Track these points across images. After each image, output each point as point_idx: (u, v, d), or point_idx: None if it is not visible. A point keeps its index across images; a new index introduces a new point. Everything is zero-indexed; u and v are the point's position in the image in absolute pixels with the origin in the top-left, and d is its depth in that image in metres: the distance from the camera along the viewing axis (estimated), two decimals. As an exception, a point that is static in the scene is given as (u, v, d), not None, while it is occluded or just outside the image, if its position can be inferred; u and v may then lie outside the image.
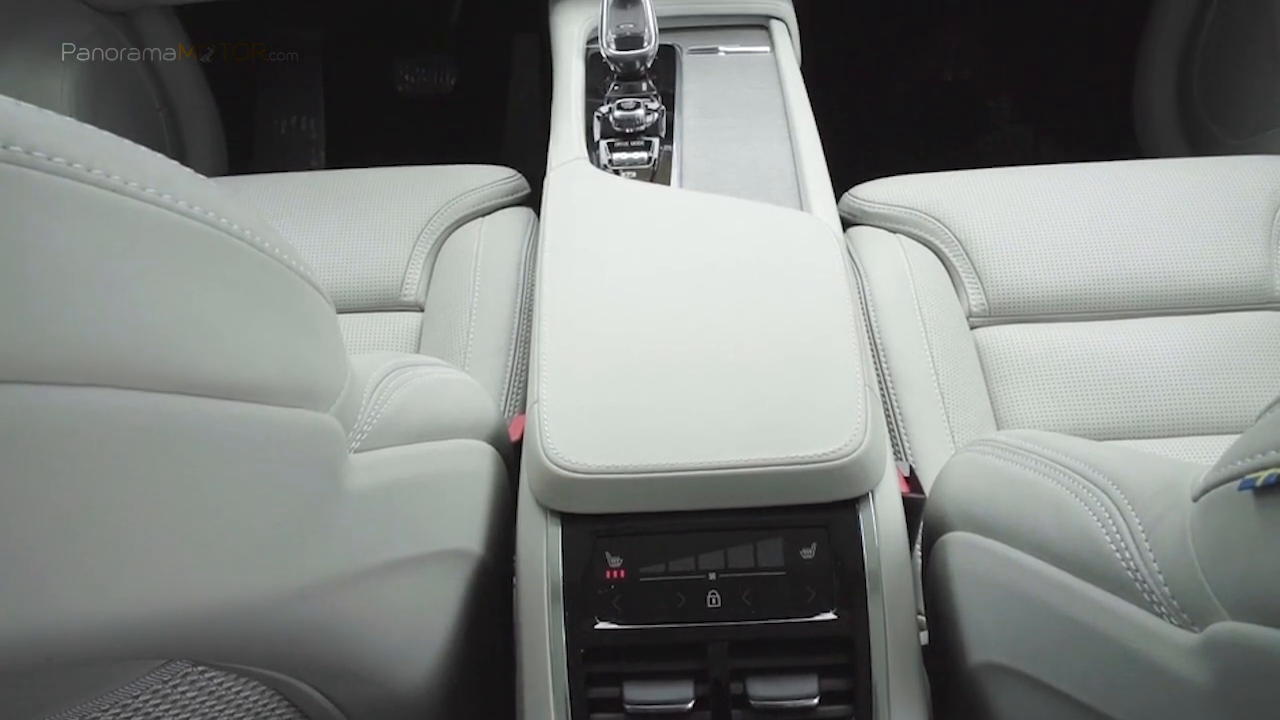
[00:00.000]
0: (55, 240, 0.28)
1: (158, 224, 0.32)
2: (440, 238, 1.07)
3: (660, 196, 0.87)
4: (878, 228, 1.06)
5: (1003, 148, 1.77)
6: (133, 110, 1.52)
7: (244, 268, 0.36)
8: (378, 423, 0.50)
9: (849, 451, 0.63)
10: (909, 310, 0.97)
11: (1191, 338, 0.95)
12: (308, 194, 1.10)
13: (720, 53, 1.11)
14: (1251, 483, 0.37)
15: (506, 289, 1.00)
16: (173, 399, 0.32)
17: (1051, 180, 1.06)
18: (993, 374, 0.96)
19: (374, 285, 1.04)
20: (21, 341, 0.27)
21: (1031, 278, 0.99)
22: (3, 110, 0.28)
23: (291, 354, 0.39)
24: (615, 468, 0.63)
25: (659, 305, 0.73)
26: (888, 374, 0.93)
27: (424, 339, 1.01)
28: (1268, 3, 1.39)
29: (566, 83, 1.04)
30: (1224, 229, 1.00)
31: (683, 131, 1.00)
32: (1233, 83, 1.49)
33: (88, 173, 0.30)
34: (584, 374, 0.68)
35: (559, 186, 0.87)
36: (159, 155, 0.35)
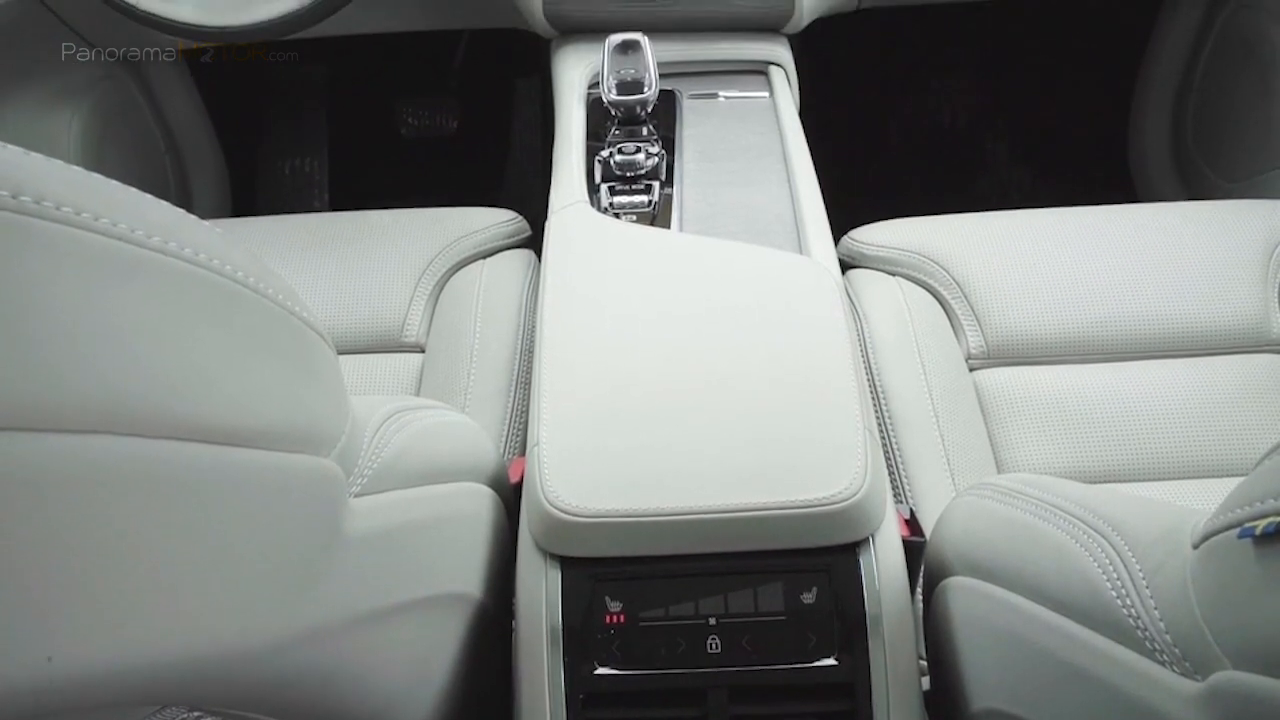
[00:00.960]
0: (61, 288, 0.28)
1: (162, 271, 0.33)
2: (442, 279, 1.08)
3: (660, 240, 0.88)
4: (876, 270, 1.07)
5: (1000, 190, 1.79)
6: (139, 153, 1.54)
7: (247, 313, 0.37)
8: (378, 467, 0.50)
9: (849, 495, 0.63)
10: (908, 352, 0.97)
11: (1189, 380, 0.95)
12: (310, 235, 1.11)
13: (720, 98, 1.13)
14: (1251, 531, 0.37)
15: (507, 331, 1.01)
16: (174, 445, 0.32)
17: (1049, 223, 1.07)
18: (992, 416, 0.96)
19: (375, 326, 1.04)
20: (24, 389, 0.27)
21: (1029, 320, 0.99)
22: (12, 160, 0.29)
23: (293, 399, 0.39)
24: (615, 511, 0.63)
25: (659, 348, 0.73)
26: (887, 416, 0.93)
27: (425, 380, 1.01)
28: (1258, 49, 1.41)
29: (568, 127, 1.06)
30: (1221, 272, 1.01)
31: (683, 175, 1.01)
32: (1226, 127, 1.51)
33: (95, 221, 0.30)
34: (584, 417, 0.68)
35: (560, 230, 0.88)
36: (165, 203, 0.35)
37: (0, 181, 0.27)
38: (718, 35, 1.19)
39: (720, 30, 1.19)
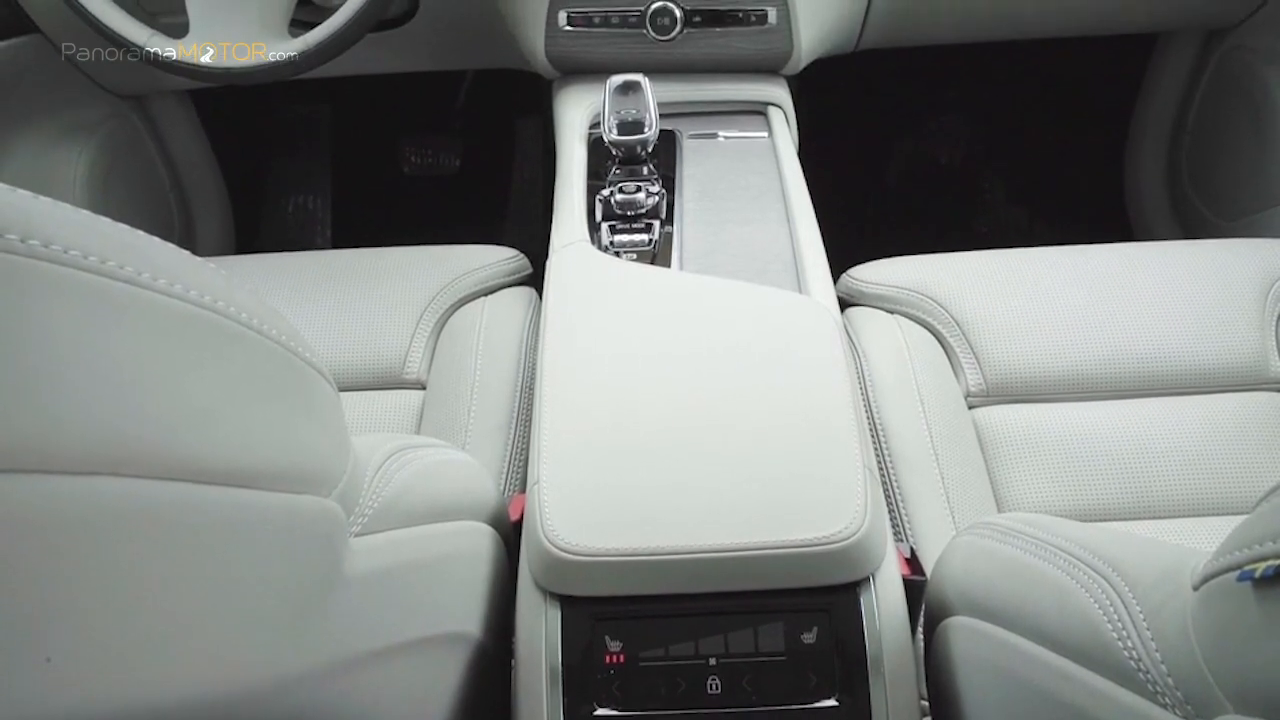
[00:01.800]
0: (65, 331, 0.29)
1: (166, 313, 0.33)
2: (443, 317, 1.08)
3: (660, 279, 0.89)
4: (875, 308, 1.08)
5: (998, 229, 1.80)
6: (144, 190, 1.55)
7: (249, 354, 0.37)
8: (379, 506, 0.51)
9: (849, 534, 0.63)
10: (907, 390, 0.98)
11: (1188, 418, 0.96)
12: (312, 273, 1.12)
13: (720, 138, 1.14)
14: (1250, 574, 0.37)
15: (508, 368, 1.01)
16: (175, 486, 0.32)
17: (1047, 262, 1.08)
18: (992, 454, 0.96)
19: (377, 363, 1.04)
20: (25, 430, 0.27)
21: (1028, 358, 1.00)
22: (21, 204, 0.29)
23: (295, 440, 0.39)
24: (615, 550, 0.63)
25: (659, 387, 0.73)
26: (887, 454, 0.93)
27: (425, 417, 1.02)
28: (1251, 90, 1.42)
29: (569, 166, 1.07)
30: (1218, 311, 1.01)
31: (683, 214, 1.01)
32: (1221, 166, 1.52)
33: (101, 264, 0.30)
34: (584, 455, 0.68)
35: (561, 268, 0.89)
36: (169, 245, 0.36)
37: (7, 225, 0.28)
38: (717, 76, 1.21)
39: (720, 72, 1.21)
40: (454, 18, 1.29)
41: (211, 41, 1.03)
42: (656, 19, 1.16)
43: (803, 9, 1.16)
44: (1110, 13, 1.38)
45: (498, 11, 1.24)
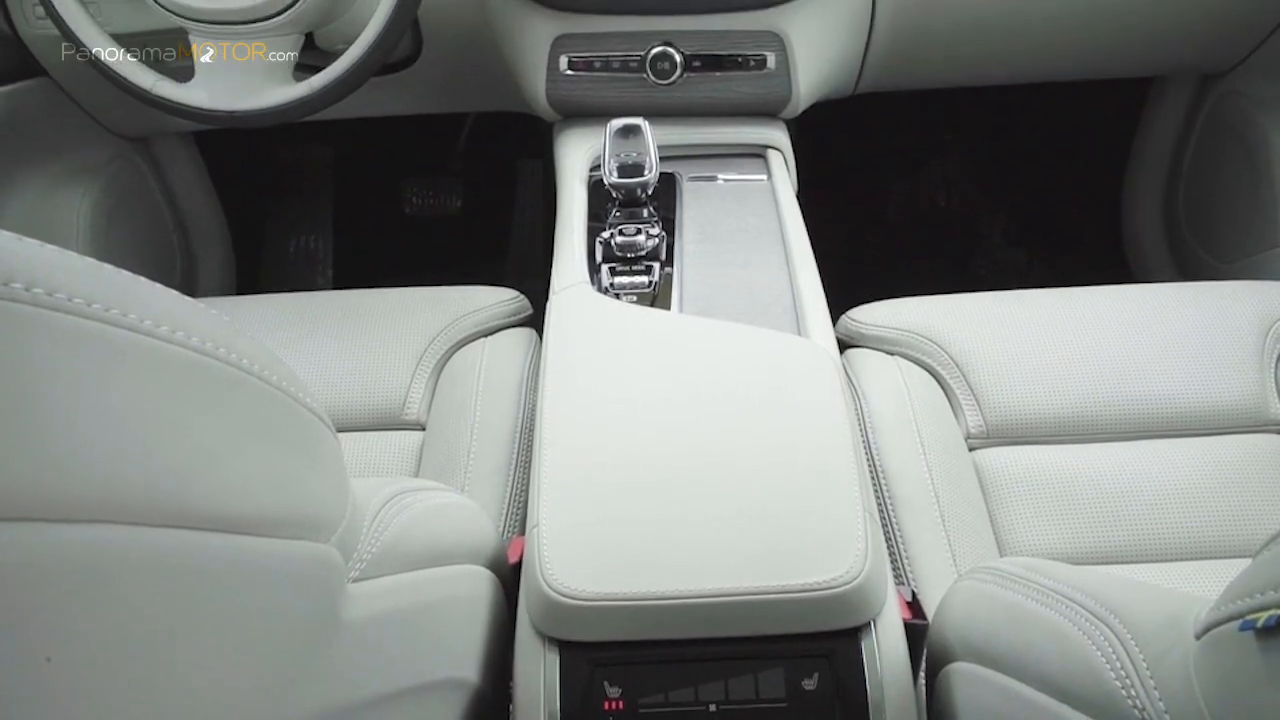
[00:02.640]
0: (67, 378, 0.29)
1: (169, 360, 0.33)
2: (443, 357, 1.08)
3: (660, 321, 0.89)
4: (875, 350, 1.08)
5: (996, 270, 1.81)
6: (147, 230, 1.56)
7: (251, 401, 0.37)
8: (377, 551, 0.50)
9: (850, 579, 0.62)
10: (907, 432, 0.98)
11: (1189, 460, 0.95)
12: (313, 313, 1.12)
13: (719, 180, 1.15)
14: (1252, 624, 0.37)
15: (508, 409, 1.01)
16: (174, 534, 0.32)
17: (1046, 304, 1.08)
18: (992, 496, 0.96)
19: (376, 404, 1.04)
20: (25, 478, 0.27)
21: (1028, 400, 1.00)
22: (26, 253, 0.29)
23: (294, 487, 0.39)
24: (614, 594, 0.62)
25: (659, 429, 0.73)
26: (887, 496, 0.93)
27: (424, 458, 1.01)
28: (1245, 134, 1.44)
29: (569, 208, 1.07)
30: (1217, 353, 1.01)
31: (683, 256, 1.02)
32: (1217, 209, 1.53)
33: (105, 312, 0.31)
34: (584, 498, 0.68)
35: (561, 310, 0.89)
36: (172, 291, 0.36)
37: (11, 274, 0.28)
38: (717, 120, 1.22)
39: (719, 115, 1.22)
40: (456, 61, 1.31)
41: (213, 42, 1.03)
42: (656, 63, 1.17)
43: (801, 54, 1.18)
44: (1104, 58, 1.40)
45: (500, 55, 1.25)
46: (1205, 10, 1.28)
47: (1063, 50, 1.35)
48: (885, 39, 1.26)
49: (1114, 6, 1.26)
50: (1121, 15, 1.27)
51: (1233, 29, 1.34)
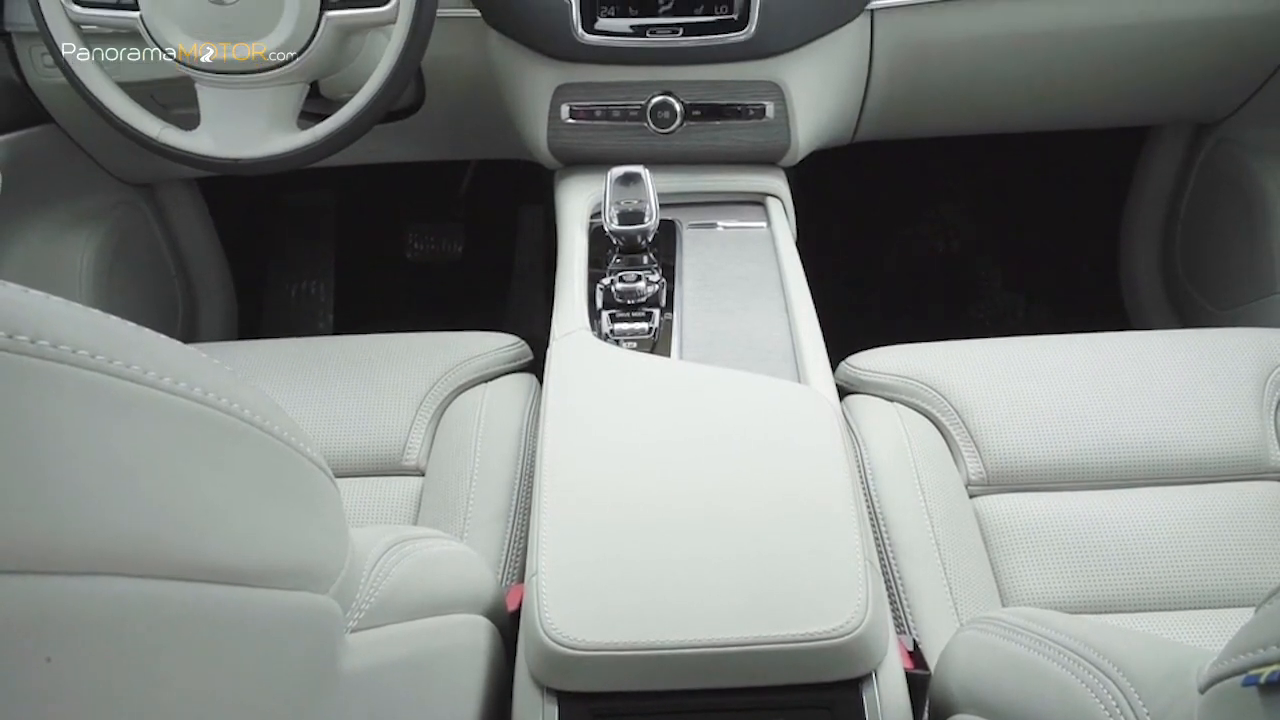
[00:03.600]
0: (69, 430, 0.29)
1: (172, 411, 0.33)
2: (443, 403, 1.08)
3: (660, 368, 0.89)
4: (875, 396, 1.08)
5: (995, 316, 1.82)
6: (149, 275, 1.57)
7: (253, 451, 0.37)
8: (376, 601, 0.50)
9: (850, 629, 0.62)
10: (908, 479, 0.97)
11: (1190, 508, 0.95)
12: (313, 359, 1.12)
13: (719, 227, 1.16)
14: (1255, 679, 0.37)
15: (508, 455, 1.01)
16: (174, 585, 0.32)
17: (1045, 350, 1.08)
18: (994, 543, 0.95)
19: (376, 450, 1.04)
20: (26, 531, 0.27)
21: (1029, 447, 0.99)
22: (33, 305, 0.30)
23: (294, 537, 0.39)
24: (613, 645, 0.62)
25: (659, 477, 0.73)
26: (888, 544, 0.92)
27: (424, 504, 1.01)
28: (1240, 181, 1.45)
29: (570, 255, 1.08)
30: (1217, 400, 1.02)
31: (683, 303, 1.02)
32: (1213, 255, 1.54)
33: (110, 364, 0.31)
34: (583, 547, 0.68)
35: (561, 357, 0.89)
36: (175, 342, 0.36)
37: (18, 326, 0.28)
38: (717, 168, 1.23)
39: (719, 163, 1.23)
40: (459, 110, 1.32)
41: (219, 90, 1.05)
42: (657, 113, 1.19)
43: (800, 104, 1.19)
44: (1098, 109, 1.41)
45: (502, 104, 1.27)
46: (1198, 63, 1.30)
47: (1057, 102, 1.37)
48: (883, 89, 1.27)
49: (1107, 60, 1.28)
50: (1115, 69, 1.29)
51: (1226, 81, 1.36)
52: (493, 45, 1.21)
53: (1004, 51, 1.25)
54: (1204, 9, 1.22)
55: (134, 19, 1.02)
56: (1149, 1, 1.21)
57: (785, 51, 1.16)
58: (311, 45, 1.02)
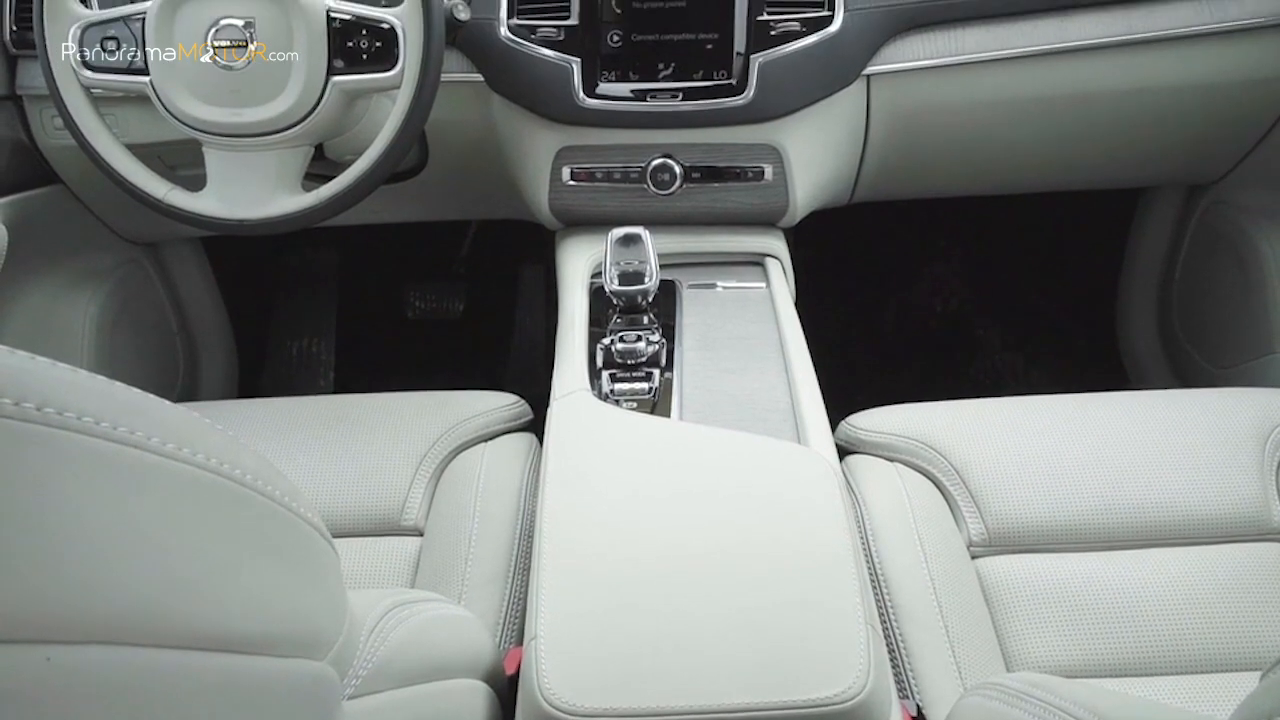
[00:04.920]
0: (78, 501, 0.29)
1: (175, 478, 0.33)
2: (443, 463, 1.08)
3: (660, 429, 0.89)
4: (875, 456, 1.08)
5: (994, 374, 1.82)
6: (152, 333, 1.58)
7: (253, 517, 0.37)
8: (373, 667, 0.50)
9: (853, 695, 0.61)
10: (909, 540, 0.97)
11: (1192, 571, 0.94)
12: (312, 418, 1.13)
13: (718, 288, 1.17)
14: (1262, 749, 0.36)
15: (507, 516, 1.01)
16: (171, 654, 0.32)
17: (1045, 410, 1.09)
18: (996, 606, 0.95)
19: (374, 510, 1.04)
20: (27, 602, 0.27)
21: (1030, 507, 0.99)
22: (39, 372, 0.30)
23: (292, 605, 0.39)
24: (613, 710, 0.61)
25: (659, 540, 0.73)
26: (889, 606, 0.91)
27: (422, 565, 1.00)
28: (1234, 242, 1.47)
29: (571, 316, 1.09)
30: (1217, 460, 1.01)
31: (682, 363, 1.03)
32: (1210, 315, 1.55)
33: (114, 431, 0.31)
34: (583, 610, 0.67)
35: (562, 418, 0.90)
36: (177, 406, 0.36)
37: (24, 393, 0.28)
38: (716, 229, 1.25)
39: (718, 224, 1.25)
40: (461, 171, 1.34)
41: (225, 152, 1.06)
42: (657, 175, 1.20)
43: (798, 167, 1.21)
44: (1091, 173, 1.43)
45: (504, 166, 1.29)
46: (1189, 128, 1.32)
47: (1050, 165, 1.39)
48: (879, 152, 1.29)
49: (1098, 125, 1.30)
50: (1106, 133, 1.31)
51: (1217, 144, 1.38)
52: (495, 109, 1.23)
53: (997, 116, 1.27)
54: (1192, 75, 1.24)
55: (144, 84, 1.04)
56: (1138, 68, 1.23)
57: (783, 116, 1.18)
58: (317, 110, 1.03)
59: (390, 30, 1.02)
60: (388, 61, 1.03)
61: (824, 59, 1.16)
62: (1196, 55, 1.23)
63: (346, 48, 1.02)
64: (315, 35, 1.01)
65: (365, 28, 1.02)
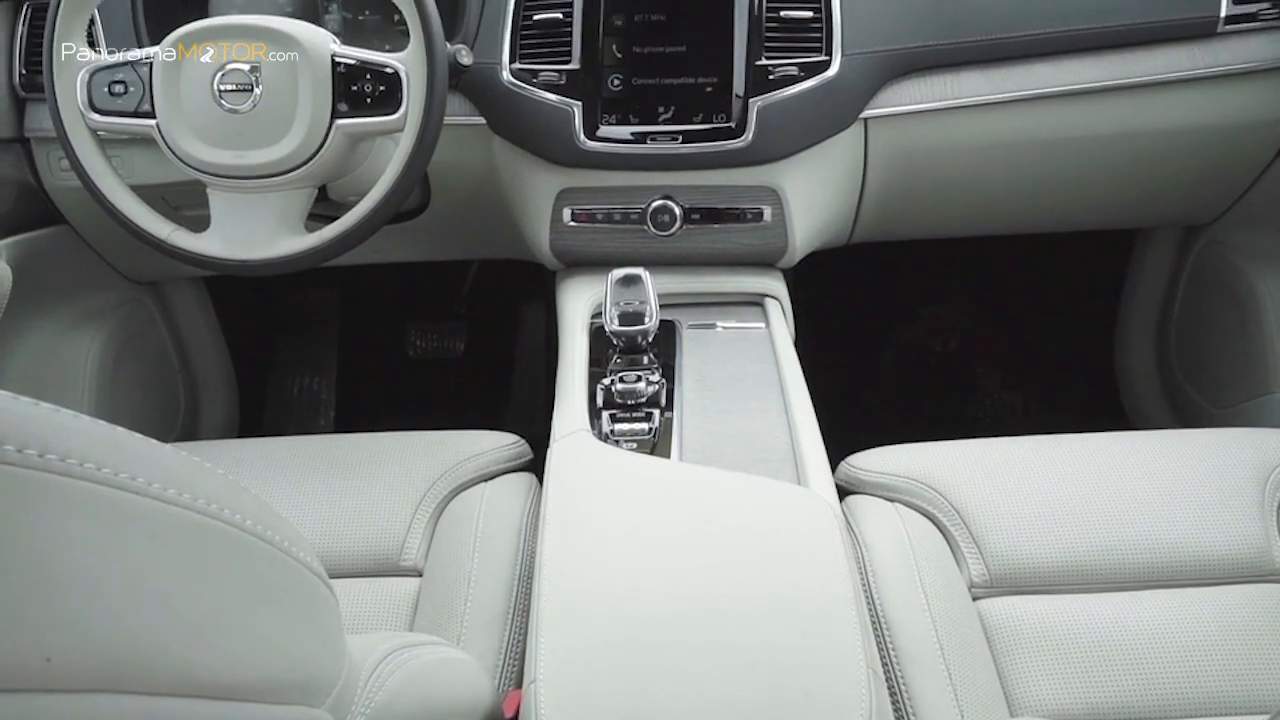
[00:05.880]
0: (80, 548, 0.29)
1: (176, 524, 0.33)
2: (442, 503, 1.08)
3: (660, 470, 0.89)
4: (875, 496, 1.08)
5: (993, 414, 1.82)
6: (153, 372, 1.58)
7: (254, 564, 0.37)
8: (371, 712, 0.49)
9: (854, 741, 0.61)
10: (910, 581, 0.96)
11: (1195, 612, 0.94)
12: (312, 457, 1.12)
13: (718, 328, 1.17)
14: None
15: (506, 556, 1.00)
16: (169, 702, 0.32)
17: (1045, 450, 1.09)
18: (999, 648, 0.94)
19: (373, 550, 1.03)
20: (27, 651, 0.27)
21: (1031, 548, 0.99)
22: (42, 418, 0.30)
23: (292, 651, 0.39)
24: (612, 756, 0.60)
25: (659, 582, 0.72)
26: (891, 649, 0.91)
27: (420, 606, 1.00)
28: (1231, 282, 1.48)
29: (571, 356, 1.09)
30: (1218, 501, 1.01)
31: (682, 403, 1.03)
32: (1209, 355, 1.56)
33: (115, 477, 0.31)
34: (582, 653, 0.67)
35: (562, 459, 0.90)
36: (182, 453, 0.37)
37: (26, 440, 0.28)
38: (716, 269, 1.25)
39: (718, 265, 1.25)
40: (463, 212, 1.35)
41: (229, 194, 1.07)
42: (657, 216, 1.21)
43: (797, 208, 1.22)
44: (1086, 215, 1.45)
45: (505, 207, 1.30)
46: (1182, 170, 1.34)
47: (1046, 207, 1.40)
48: (877, 193, 1.31)
49: (1092, 168, 1.31)
50: (1100, 176, 1.33)
51: (1210, 186, 1.40)
52: (497, 150, 1.25)
53: (993, 159, 1.29)
54: (1186, 118, 1.26)
55: (150, 127, 1.05)
56: (1131, 112, 1.25)
57: (782, 158, 1.19)
58: (321, 152, 1.04)
59: (394, 75, 1.03)
60: (391, 105, 1.04)
61: (822, 103, 1.18)
62: (1190, 99, 1.24)
63: (351, 91, 1.04)
64: (320, 79, 1.03)
65: (370, 72, 1.04)
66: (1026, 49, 1.21)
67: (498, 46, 1.19)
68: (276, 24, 1.03)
